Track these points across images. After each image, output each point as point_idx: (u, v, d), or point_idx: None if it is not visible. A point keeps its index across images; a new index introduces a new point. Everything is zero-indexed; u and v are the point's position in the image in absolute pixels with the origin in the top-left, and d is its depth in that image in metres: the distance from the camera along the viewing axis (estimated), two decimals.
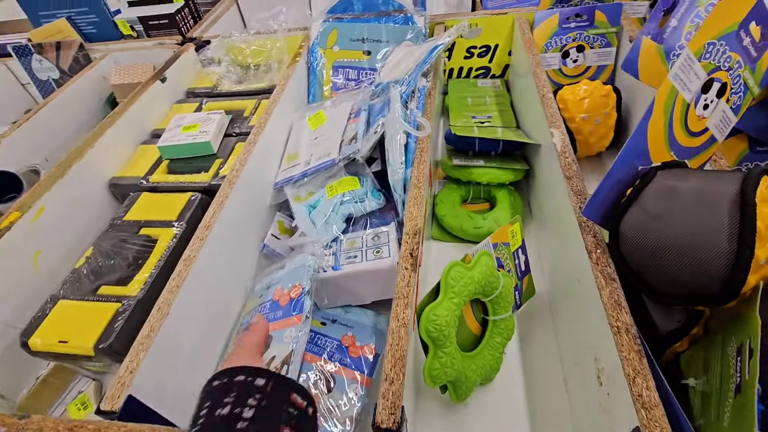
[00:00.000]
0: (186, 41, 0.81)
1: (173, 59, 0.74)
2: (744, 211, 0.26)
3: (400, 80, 0.54)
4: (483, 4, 0.76)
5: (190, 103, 0.71)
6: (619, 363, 0.28)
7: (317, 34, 0.70)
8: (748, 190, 0.26)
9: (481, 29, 0.71)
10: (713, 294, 0.27)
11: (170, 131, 0.60)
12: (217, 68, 0.76)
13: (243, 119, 0.65)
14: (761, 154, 0.42)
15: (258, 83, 0.72)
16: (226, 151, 0.59)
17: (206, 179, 0.55)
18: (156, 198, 0.54)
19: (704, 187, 0.29)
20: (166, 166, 0.59)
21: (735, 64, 0.33)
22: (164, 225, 0.50)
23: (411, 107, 0.48)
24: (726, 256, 0.26)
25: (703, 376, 0.31)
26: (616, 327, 0.29)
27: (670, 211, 0.29)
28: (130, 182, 0.57)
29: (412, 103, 0.49)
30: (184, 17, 0.85)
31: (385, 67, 0.64)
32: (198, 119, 0.62)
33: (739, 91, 0.34)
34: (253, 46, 0.75)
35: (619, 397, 0.27)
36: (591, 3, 0.64)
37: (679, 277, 0.29)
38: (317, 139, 0.56)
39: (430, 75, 0.54)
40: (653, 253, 0.30)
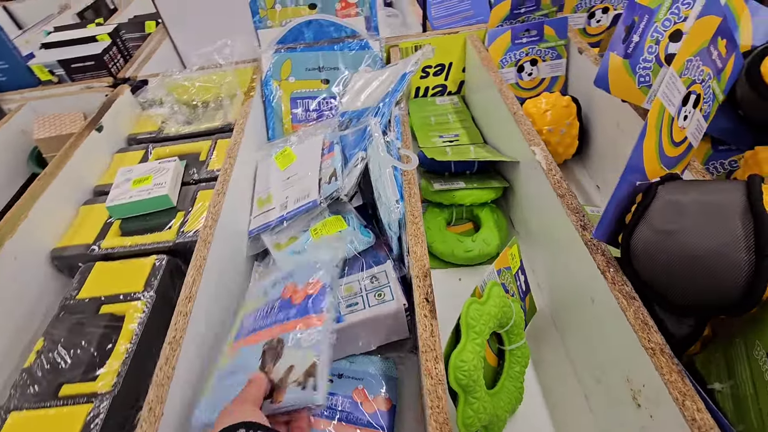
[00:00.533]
0: (118, 83, 0.73)
1: (108, 104, 0.66)
2: (757, 222, 0.27)
3: (372, 109, 0.52)
4: (431, 24, 0.76)
5: (133, 151, 0.64)
6: (662, 385, 0.27)
7: (269, 65, 0.66)
8: (755, 200, 0.28)
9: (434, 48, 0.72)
10: (734, 304, 0.28)
11: (118, 187, 0.54)
12: (160, 109, 0.70)
13: (200, 164, 0.60)
14: (723, 152, 0.45)
15: (210, 122, 0.67)
16: (187, 201, 0.54)
17: (170, 237, 0.49)
18: (113, 267, 0.47)
19: (708, 200, 0.30)
20: (118, 227, 0.52)
21: (706, 77, 0.34)
22: (129, 299, 0.44)
23: (390, 138, 0.46)
24: (745, 266, 0.27)
25: (728, 380, 0.31)
26: (650, 349, 0.29)
27: (682, 227, 0.30)
28: (77, 252, 0.50)
29: (390, 134, 0.47)
30: (112, 57, 0.77)
31: (347, 95, 0.62)
32: (149, 170, 0.56)
33: (709, 100, 0.36)
34: (198, 83, 0.70)
35: (667, 421, 0.27)
36: (538, 18, 0.67)
37: (698, 289, 0.29)
38: (290, 179, 0.53)
39: (402, 102, 0.53)
40: (669, 269, 0.30)
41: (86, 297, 0.45)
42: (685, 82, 0.33)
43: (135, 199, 0.52)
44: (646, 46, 0.42)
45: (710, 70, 0.34)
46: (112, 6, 1.25)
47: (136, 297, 0.44)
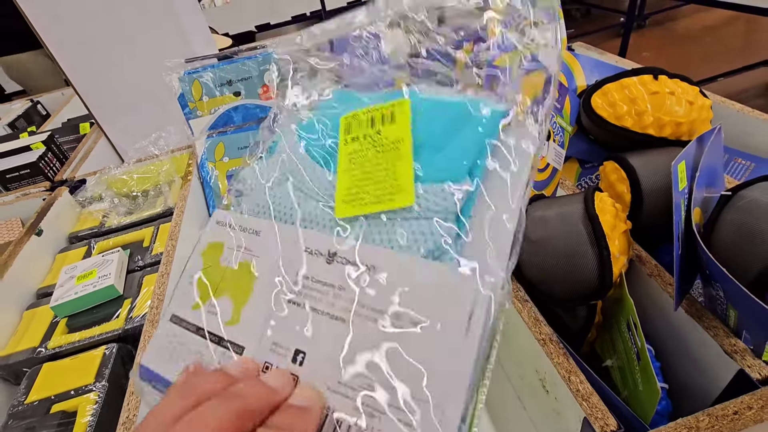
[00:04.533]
0: (56, 186, 0.76)
1: (46, 207, 0.69)
2: (592, 222, 0.34)
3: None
4: None
5: (76, 249, 0.66)
6: (553, 367, 0.33)
7: (204, 150, 0.72)
8: (588, 206, 0.35)
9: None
10: (596, 289, 0.35)
11: (62, 286, 0.55)
12: (100, 204, 0.73)
13: (144, 250, 0.63)
14: (589, 169, 0.54)
15: (151, 209, 0.70)
16: (134, 288, 0.56)
17: (119, 325, 0.51)
18: (61, 365, 0.48)
19: (562, 211, 0.37)
20: (64, 325, 0.53)
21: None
22: (81, 392, 0.45)
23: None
24: (593, 258, 0.34)
25: (614, 355, 0.38)
26: (542, 339, 0.35)
27: (548, 235, 0.37)
28: (22, 357, 0.50)
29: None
30: (48, 162, 0.80)
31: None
32: (93, 264, 0.58)
33: (559, 132, 0.46)
34: (136, 175, 0.74)
35: (564, 397, 0.33)
36: None
37: (569, 283, 0.36)
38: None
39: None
40: (546, 270, 0.37)
41: (35, 400, 0.45)
42: None
43: (80, 294, 0.54)
44: None
45: (551, 111, 0.44)
46: (44, 112, 1.28)
47: (88, 389, 0.45)
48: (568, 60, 0.53)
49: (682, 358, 0.36)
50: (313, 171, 0.29)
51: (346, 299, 0.25)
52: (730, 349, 0.31)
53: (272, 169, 0.31)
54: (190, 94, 0.75)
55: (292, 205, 0.29)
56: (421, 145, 0.27)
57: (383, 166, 0.27)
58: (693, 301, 0.35)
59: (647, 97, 0.43)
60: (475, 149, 0.26)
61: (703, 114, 0.44)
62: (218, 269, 0.29)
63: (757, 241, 0.31)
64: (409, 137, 0.27)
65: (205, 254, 0.30)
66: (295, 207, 0.29)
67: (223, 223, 0.30)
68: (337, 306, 0.25)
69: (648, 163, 0.42)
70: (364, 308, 0.24)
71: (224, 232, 0.30)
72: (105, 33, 0.85)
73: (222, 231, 0.30)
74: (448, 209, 0.25)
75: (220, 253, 0.29)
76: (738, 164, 0.53)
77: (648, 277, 0.38)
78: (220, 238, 0.30)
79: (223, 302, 0.28)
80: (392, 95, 0.30)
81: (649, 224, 0.41)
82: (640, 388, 0.32)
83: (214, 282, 0.28)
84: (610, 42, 2.29)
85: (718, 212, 0.35)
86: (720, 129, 0.39)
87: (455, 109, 0.28)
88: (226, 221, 0.30)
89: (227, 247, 0.29)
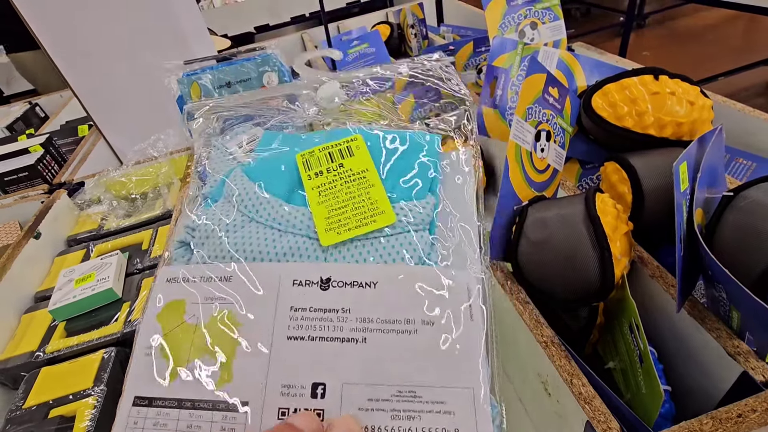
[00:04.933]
0: (54, 188, 0.76)
1: (44, 211, 0.68)
2: (593, 224, 0.34)
3: None
4: None
5: (74, 252, 0.65)
6: (555, 370, 0.33)
7: None
8: (589, 207, 0.35)
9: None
10: (597, 291, 0.35)
11: (61, 290, 0.55)
12: (99, 207, 0.72)
13: (143, 253, 0.62)
14: (590, 170, 0.54)
15: (150, 212, 0.70)
16: (132, 291, 0.56)
17: (117, 329, 0.51)
18: (60, 370, 0.48)
19: (562, 212, 0.37)
20: (63, 329, 0.53)
21: (550, 116, 0.44)
22: (79, 397, 0.44)
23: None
24: (595, 259, 0.34)
25: (616, 357, 0.38)
26: (543, 342, 0.34)
27: (549, 237, 0.37)
28: (20, 362, 0.50)
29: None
30: (47, 165, 0.80)
31: None
32: (91, 268, 0.58)
33: (559, 133, 0.45)
34: (135, 177, 0.74)
35: (567, 400, 0.32)
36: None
37: (571, 284, 0.36)
38: None
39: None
40: (547, 272, 0.37)
41: (33, 405, 0.44)
42: (533, 124, 0.42)
43: (79, 298, 0.53)
44: (509, 96, 0.52)
45: (551, 112, 0.43)
46: (43, 114, 1.28)
47: (87, 394, 0.44)
48: (568, 60, 0.53)
49: (685, 360, 0.35)
50: (281, 207, 0.30)
51: (353, 319, 0.25)
52: (733, 351, 0.31)
53: (226, 213, 0.31)
54: (188, 96, 0.74)
55: (266, 243, 0.29)
56: (383, 171, 0.31)
57: (356, 193, 0.30)
58: (695, 303, 0.34)
59: (648, 97, 0.43)
60: (427, 170, 0.31)
61: (704, 114, 0.43)
62: (185, 329, 0.26)
63: (760, 241, 0.31)
64: (373, 166, 0.31)
65: (163, 317, 0.27)
66: (270, 244, 0.29)
67: (176, 279, 0.28)
68: (347, 328, 0.25)
69: (649, 163, 0.42)
70: (374, 323, 0.25)
71: (181, 289, 0.27)
72: (103, 34, 0.85)
73: (177, 288, 0.27)
74: (423, 221, 0.29)
75: (182, 312, 0.27)
76: (739, 164, 0.53)
77: (650, 279, 0.38)
78: (177, 295, 0.27)
79: (204, 363, 0.25)
80: (338, 133, 0.34)
81: (650, 225, 0.41)
82: (643, 391, 0.32)
83: (184, 343, 0.26)
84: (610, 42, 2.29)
85: (720, 213, 0.35)
86: (721, 129, 0.38)
87: (403, 139, 0.33)
88: (179, 276, 0.28)
89: (190, 302, 0.27)
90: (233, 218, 0.30)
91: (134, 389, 0.25)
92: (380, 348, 0.25)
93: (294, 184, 0.31)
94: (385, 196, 0.29)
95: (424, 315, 0.25)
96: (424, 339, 0.25)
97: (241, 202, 0.31)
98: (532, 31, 0.66)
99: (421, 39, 1.16)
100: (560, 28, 0.67)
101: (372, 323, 0.25)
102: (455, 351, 0.25)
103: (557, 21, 0.67)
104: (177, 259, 0.30)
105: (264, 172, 0.32)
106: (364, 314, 0.25)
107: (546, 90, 0.43)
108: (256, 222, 0.30)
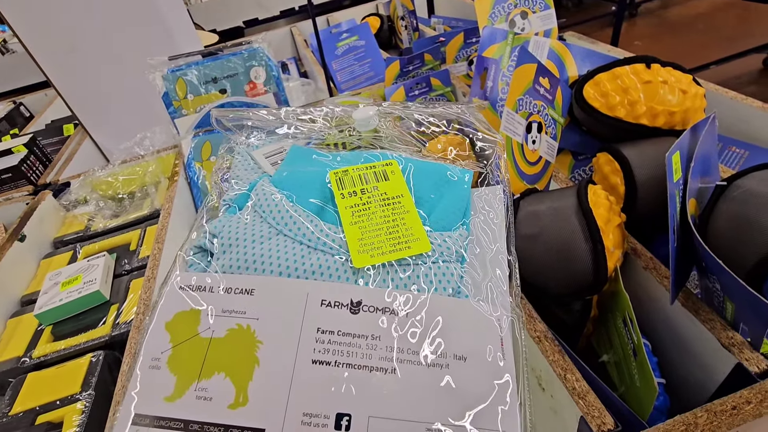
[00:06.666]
0: (39, 189, 0.74)
1: (29, 212, 0.67)
2: (586, 217, 0.34)
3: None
4: (338, 89, 0.85)
5: (61, 254, 0.64)
6: (548, 365, 0.32)
7: (190, 149, 0.70)
8: (582, 200, 0.35)
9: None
10: (590, 284, 0.34)
11: (47, 293, 0.54)
12: (86, 208, 0.71)
13: (131, 254, 0.61)
14: (582, 161, 0.53)
15: (138, 211, 0.69)
16: (120, 293, 0.55)
17: (105, 332, 0.50)
18: (47, 375, 0.47)
19: (555, 205, 0.37)
20: (50, 333, 0.52)
21: (541, 108, 0.43)
22: (67, 402, 0.43)
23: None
24: (588, 252, 0.34)
25: (610, 350, 0.37)
26: (537, 337, 0.34)
27: (541, 230, 0.36)
28: (6, 368, 0.48)
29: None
30: (31, 165, 0.78)
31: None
32: (78, 270, 0.56)
33: (551, 124, 0.45)
34: (122, 177, 0.72)
35: (560, 396, 0.32)
36: (425, 72, 0.77)
37: (563, 277, 0.35)
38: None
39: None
40: (540, 265, 0.36)
41: (20, 411, 0.44)
42: (523, 115, 0.41)
43: (65, 301, 0.52)
44: (499, 88, 0.51)
45: (542, 103, 0.43)
46: (28, 114, 1.26)
47: (75, 399, 0.44)
48: (559, 50, 0.52)
49: (679, 352, 0.35)
50: (311, 223, 0.28)
51: (383, 348, 0.24)
52: (727, 342, 0.31)
53: (252, 222, 0.29)
54: (174, 92, 0.73)
55: (294, 258, 0.27)
56: (416, 200, 0.30)
57: (391, 217, 0.28)
58: (689, 294, 0.34)
59: (640, 86, 0.42)
60: (459, 203, 0.31)
61: (697, 102, 0.43)
62: (198, 342, 0.24)
63: (754, 231, 0.30)
64: (408, 193, 0.30)
65: (173, 326, 0.25)
66: (298, 260, 0.27)
67: (191, 287, 0.26)
68: (376, 356, 0.24)
69: (642, 153, 0.41)
70: (405, 353, 0.24)
71: (196, 298, 0.25)
72: (85, 31, 0.83)
73: (192, 296, 0.25)
74: (456, 253, 0.28)
75: (196, 323, 0.24)
76: (732, 152, 0.53)
77: (643, 270, 0.37)
78: (191, 304, 0.25)
79: (217, 382, 0.22)
80: (372, 156, 0.33)
81: (644, 216, 0.40)
82: (638, 384, 0.31)
83: (196, 358, 0.23)
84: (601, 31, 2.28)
85: (714, 203, 0.34)
86: (714, 118, 0.38)
87: (436, 171, 0.32)
88: (194, 284, 0.26)
89: (206, 314, 0.25)
90: (260, 228, 0.28)
91: (135, 405, 0.22)
92: (411, 381, 0.23)
93: (326, 200, 0.30)
94: (420, 223, 0.28)
95: (457, 349, 0.24)
96: (456, 375, 0.23)
97: (270, 213, 0.29)
98: (522, 20, 0.65)
99: (412, 31, 1.15)
100: (551, 18, 0.66)
101: (403, 353, 0.24)
102: (490, 392, 0.23)
103: (548, 10, 0.66)
104: (193, 265, 0.28)
105: (294, 184, 0.31)
106: (395, 343, 0.24)
107: (537, 80, 0.42)
108: (284, 235, 0.28)
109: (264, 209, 0.29)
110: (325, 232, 0.28)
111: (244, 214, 0.30)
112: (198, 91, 0.74)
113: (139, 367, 0.23)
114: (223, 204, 0.32)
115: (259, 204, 0.30)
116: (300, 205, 0.29)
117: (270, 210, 0.29)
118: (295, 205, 0.29)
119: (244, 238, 0.28)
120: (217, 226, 0.29)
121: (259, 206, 0.30)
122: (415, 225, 0.28)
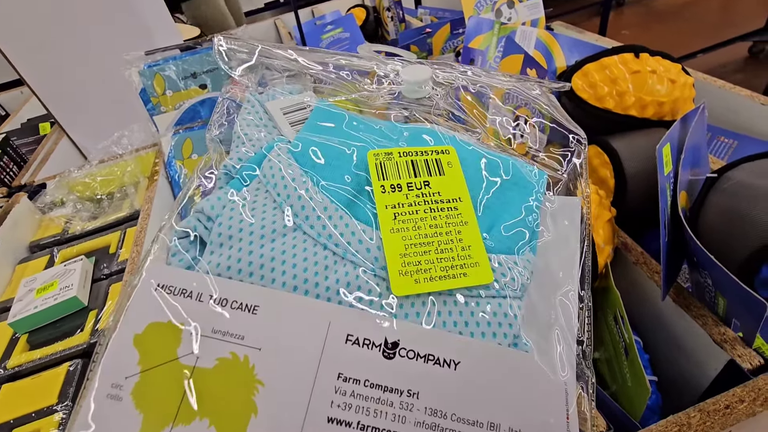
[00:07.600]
0: (14, 192, 0.71)
1: (3, 216, 0.64)
2: None
3: None
4: None
5: (37, 258, 0.62)
6: None
7: (170, 147, 0.68)
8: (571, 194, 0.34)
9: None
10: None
11: (21, 300, 0.52)
12: (63, 210, 0.68)
13: (110, 257, 0.59)
14: None
15: (117, 213, 0.66)
16: (100, 299, 0.53)
17: (84, 339, 0.48)
18: (22, 386, 0.45)
19: None
20: (25, 342, 0.50)
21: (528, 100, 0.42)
22: (43, 414, 0.42)
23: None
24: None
25: (601, 347, 0.37)
26: None
27: None
28: None
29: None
30: (4, 167, 0.75)
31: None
32: (54, 275, 0.54)
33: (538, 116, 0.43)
34: (100, 177, 0.70)
35: None
36: None
37: None
38: None
39: None
40: None
41: None
42: (511, 108, 0.40)
43: (41, 309, 0.50)
44: None
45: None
46: (3, 112, 1.22)
47: (52, 410, 0.42)
48: (546, 40, 0.50)
49: (670, 348, 0.34)
50: (341, 220, 0.21)
51: (422, 408, 0.18)
52: (719, 338, 0.30)
53: (262, 207, 0.21)
54: (152, 88, 0.70)
55: (316, 266, 0.20)
56: (476, 206, 0.23)
57: (444, 229, 0.22)
58: (681, 290, 0.33)
59: (628, 76, 0.41)
60: (532, 217, 0.24)
61: (686, 92, 0.42)
62: (178, 371, 0.17)
63: (745, 224, 0.30)
64: (468, 196, 0.23)
65: (144, 342, 0.18)
66: (321, 271, 0.19)
67: (171, 289, 0.19)
68: (411, 420, 0.18)
69: (631, 146, 0.40)
70: (448, 420, 0.18)
71: (176, 308, 0.18)
72: (59, 26, 0.79)
73: (171, 304, 0.18)
74: (522, 286, 0.22)
75: (175, 342, 0.18)
76: (721, 142, 0.52)
77: (634, 266, 0.37)
78: (169, 316, 0.18)
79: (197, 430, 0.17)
80: (421, 132, 0.26)
81: (634, 209, 0.40)
82: (629, 384, 0.31)
83: (173, 394, 0.17)
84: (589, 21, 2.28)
85: (704, 195, 0.33)
86: (704, 108, 0.37)
87: (504, 167, 0.25)
88: (176, 285, 0.19)
89: (189, 333, 0.18)
90: (272, 217, 0.21)
91: None
92: None
93: (359, 189, 0.22)
94: (481, 242, 0.22)
95: (513, 420, 0.19)
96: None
97: (287, 199, 0.21)
98: (509, 9, 0.63)
99: (398, 22, 1.13)
100: (538, 7, 0.65)
101: (446, 420, 0.18)
102: None
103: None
104: (176, 255, 0.20)
105: (320, 162, 0.23)
106: (437, 404, 0.18)
107: (524, 71, 0.41)
108: (302, 232, 0.21)
109: (279, 191, 0.21)
110: (357, 235, 0.21)
111: (252, 193, 0.22)
112: (177, 87, 0.71)
113: (93, 396, 0.17)
114: (223, 171, 0.24)
115: (272, 182, 0.22)
116: (326, 193, 0.22)
117: (288, 194, 0.21)
118: (320, 191, 0.22)
119: (249, 230, 0.20)
120: (215, 205, 0.21)
121: (272, 185, 0.22)
122: (474, 243, 0.21)
